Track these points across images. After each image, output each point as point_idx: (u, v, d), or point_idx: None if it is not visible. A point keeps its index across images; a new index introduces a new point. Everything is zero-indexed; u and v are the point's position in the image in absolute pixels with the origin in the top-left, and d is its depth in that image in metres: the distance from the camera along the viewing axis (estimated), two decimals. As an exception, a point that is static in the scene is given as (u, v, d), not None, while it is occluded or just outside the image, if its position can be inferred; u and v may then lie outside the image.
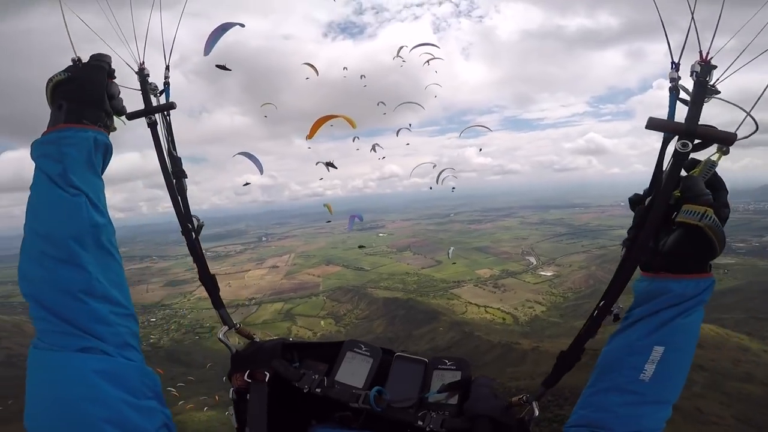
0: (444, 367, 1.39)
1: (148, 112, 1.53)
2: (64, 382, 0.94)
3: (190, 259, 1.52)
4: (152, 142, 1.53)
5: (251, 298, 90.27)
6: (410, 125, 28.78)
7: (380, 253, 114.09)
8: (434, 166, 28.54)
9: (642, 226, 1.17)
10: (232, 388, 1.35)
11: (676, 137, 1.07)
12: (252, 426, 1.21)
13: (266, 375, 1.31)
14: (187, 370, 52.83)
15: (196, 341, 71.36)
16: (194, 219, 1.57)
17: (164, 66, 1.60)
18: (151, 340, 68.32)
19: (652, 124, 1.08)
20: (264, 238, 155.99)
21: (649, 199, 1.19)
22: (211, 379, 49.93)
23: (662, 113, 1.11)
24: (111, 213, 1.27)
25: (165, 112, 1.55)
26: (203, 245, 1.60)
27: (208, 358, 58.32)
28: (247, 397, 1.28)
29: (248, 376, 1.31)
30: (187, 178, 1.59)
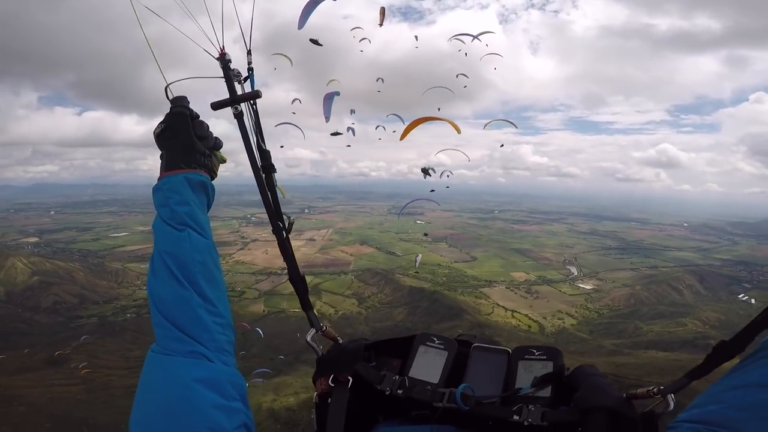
0: (532, 357, 1.26)
1: (233, 101, 1.47)
2: (170, 385, 1.07)
3: (235, 221, 1.51)
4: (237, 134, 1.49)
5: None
6: (438, 109, 27.25)
7: (415, 240, 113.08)
8: (469, 161, 27.13)
9: None
10: (315, 393, 1.36)
11: None
12: (330, 430, 1.21)
13: (349, 380, 1.31)
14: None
15: (224, 304, 74.69)
16: (285, 217, 1.53)
17: (245, 51, 1.54)
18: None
19: None
20: (306, 210, 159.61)
21: None
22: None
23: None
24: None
25: (251, 102, 1.50)
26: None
27: (230, 322, 60.93)
28: (329, 401, 1.29)
29: (332, 381, 1.32)
30: (276, 172, 1.55)
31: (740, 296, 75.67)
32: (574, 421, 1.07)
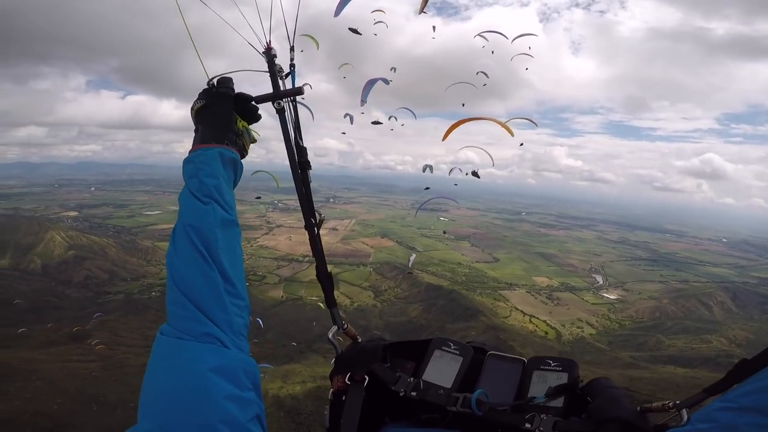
0: (547, 367, 1.27)
1: (276, 96, 1.50)
2: (184, 373, 1.00)
3: (262, 206, 1.50)
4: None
5: (305, 255, 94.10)
6: (463, 104, 26.86)
7: (436, 237, 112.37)
8: (493, 165, 26.81)
9: None
10: (331, 390, 1.38)
11: None
12: (345, 428, 1.22)
13: (365, 378, 1.32)
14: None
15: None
16: (316, 213, 1.55)
17: (288, 47, 1.56)
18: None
19: None
20: (331, 200, 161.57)
21: None
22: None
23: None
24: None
25: (292, 98, 1.53)
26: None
27: (246, 306, 62.70)
28: (343, 398, 1.30)
29: (348, 379, 1.34)
30: (311, 169, 1.58)
31: (774, 317, 71.55)
32: (587, 431, 1.07)
